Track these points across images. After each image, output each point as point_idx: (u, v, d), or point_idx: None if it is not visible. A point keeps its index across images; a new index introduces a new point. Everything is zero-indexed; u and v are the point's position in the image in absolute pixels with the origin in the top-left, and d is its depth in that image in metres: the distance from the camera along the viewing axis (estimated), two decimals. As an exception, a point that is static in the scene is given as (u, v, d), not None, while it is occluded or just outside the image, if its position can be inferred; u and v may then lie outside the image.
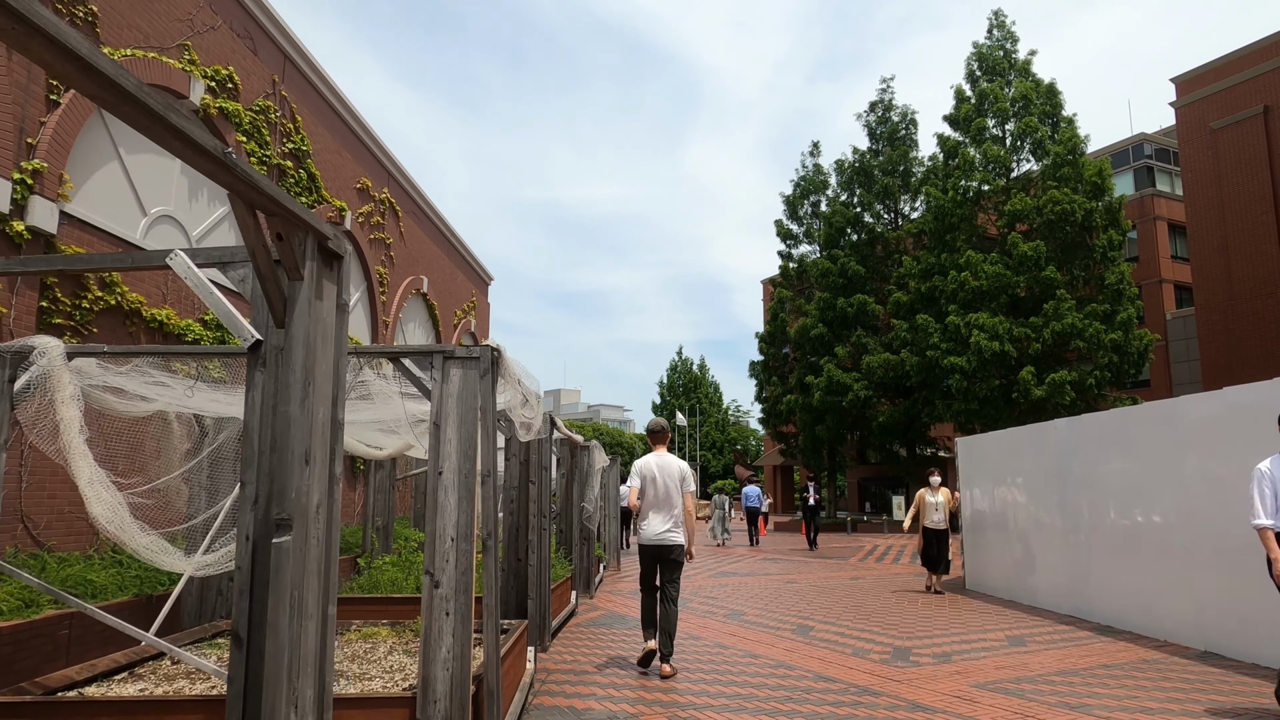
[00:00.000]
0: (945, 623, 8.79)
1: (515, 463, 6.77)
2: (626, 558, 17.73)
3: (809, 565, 15.80)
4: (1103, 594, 8.63)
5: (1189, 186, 33.50)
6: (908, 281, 30.02)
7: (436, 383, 4.17)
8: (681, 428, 61.24)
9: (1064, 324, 25.64)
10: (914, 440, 31.93)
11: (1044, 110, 27.83)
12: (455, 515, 4.07)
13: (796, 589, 11.94)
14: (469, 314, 18.79)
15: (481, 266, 20.21)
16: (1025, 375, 25.52)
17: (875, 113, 33.63)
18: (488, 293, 21.04)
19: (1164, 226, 39.24)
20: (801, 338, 33.28)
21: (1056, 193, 26.16)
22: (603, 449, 12.21)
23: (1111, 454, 8.62)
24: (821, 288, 33.06)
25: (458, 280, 18.26)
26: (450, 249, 18.02)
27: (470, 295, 19.39)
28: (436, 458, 4.10)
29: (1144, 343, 25.97)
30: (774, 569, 15.10)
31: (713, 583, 12.80)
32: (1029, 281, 26.48)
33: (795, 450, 35.65)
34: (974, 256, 27.15)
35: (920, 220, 31.41)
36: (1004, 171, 28.21)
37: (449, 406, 4.16)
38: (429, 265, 16.52)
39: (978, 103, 28.84)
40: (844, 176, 33.79)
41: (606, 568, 14.71)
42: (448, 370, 4.19)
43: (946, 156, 29.80)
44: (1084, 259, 26.80)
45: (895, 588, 12.06)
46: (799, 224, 36.27)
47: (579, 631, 8.36)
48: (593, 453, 11.28)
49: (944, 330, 27.53)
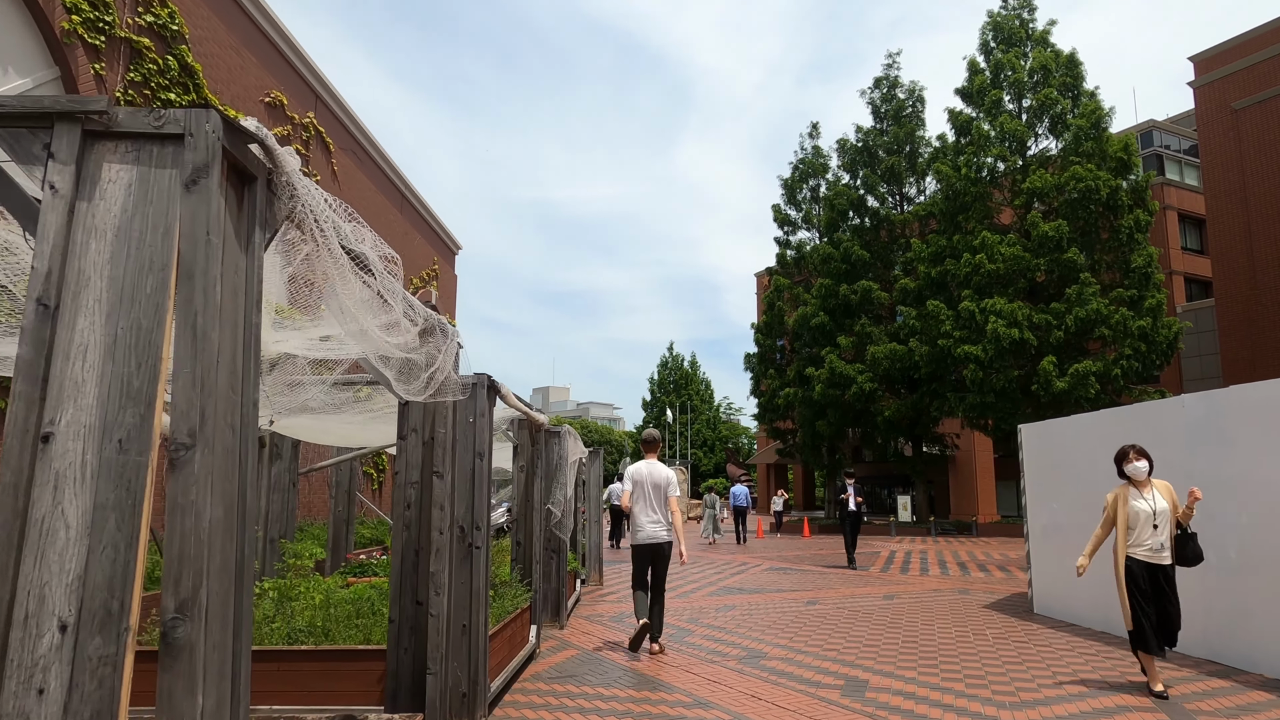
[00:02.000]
0: (1040, 668, 6.18)
1: (415, 441, 4.13)
2: (613, 565, 15.08)
3: (826, 579, 13.19)
4: (1273, 634, 6.05)
5: (1208, 170, 31.15)
6: (916, 266, 27.49)
7: (60, 195, 1.53)
8: (671, 425, 58.63)
9: (1088, 310, 23.16)
10: (920, 437, 29.40)
11: (1064, 82, 25.37)
12: (74, 558, 1.43)
13: (822, 613, 9.31)
14: (428, 284, 16.05)
15: (447, 232, 17.44)
16: (1046, 365, 23.03)
17: (880, 89, 31.11)
18: (454, 263, 18.30)
19: (1174, 217, 36.87)
20: (801, 327, 30.70)
21: (1080, 169, 23.69)
22: (578, 437, 9.58)
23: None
24: (823, 274, 30.51)
25: (413, 242, 15.49)
26: (405, 205, 15.27)
27: (431, 262, 16.67)
28: (37, 398, 1.47)
29: (1173, 331, 23.52)
30: (786, 583, 12.48)
31: (715, 604, 10.17)
32: (1050, 264, 23.99)
33: (793, 447, 33.07)
34: (990, 237, 24.65)
35: (928, 203, 28.91)
36: (1020, 148, 25.73)
37: (93, 253, 1.52)
38: (375, 219, 13.79)
39: (993, 74, 26.35)
40: (846, 157, 31.25)
41: (585, 582, 12.06)
42: (93, 164, 1.55)
43: (958, 133, 27.29)
44: (1109, 240, 24.34)
45: (945, 610, 9.46)
46: (797, 209, 33.73)
47: (535, 692, 5.71)
48: (564, 441, 8.65)
49: (957, 318, 25.02)
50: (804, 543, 23.06)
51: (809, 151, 33.66)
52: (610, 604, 10.12)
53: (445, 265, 17.62)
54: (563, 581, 8.41)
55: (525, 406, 6.58)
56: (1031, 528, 9.53)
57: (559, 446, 8.48)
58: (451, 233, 17.55)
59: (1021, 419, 24.61)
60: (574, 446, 9.21)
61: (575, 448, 9.29)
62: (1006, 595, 10.71)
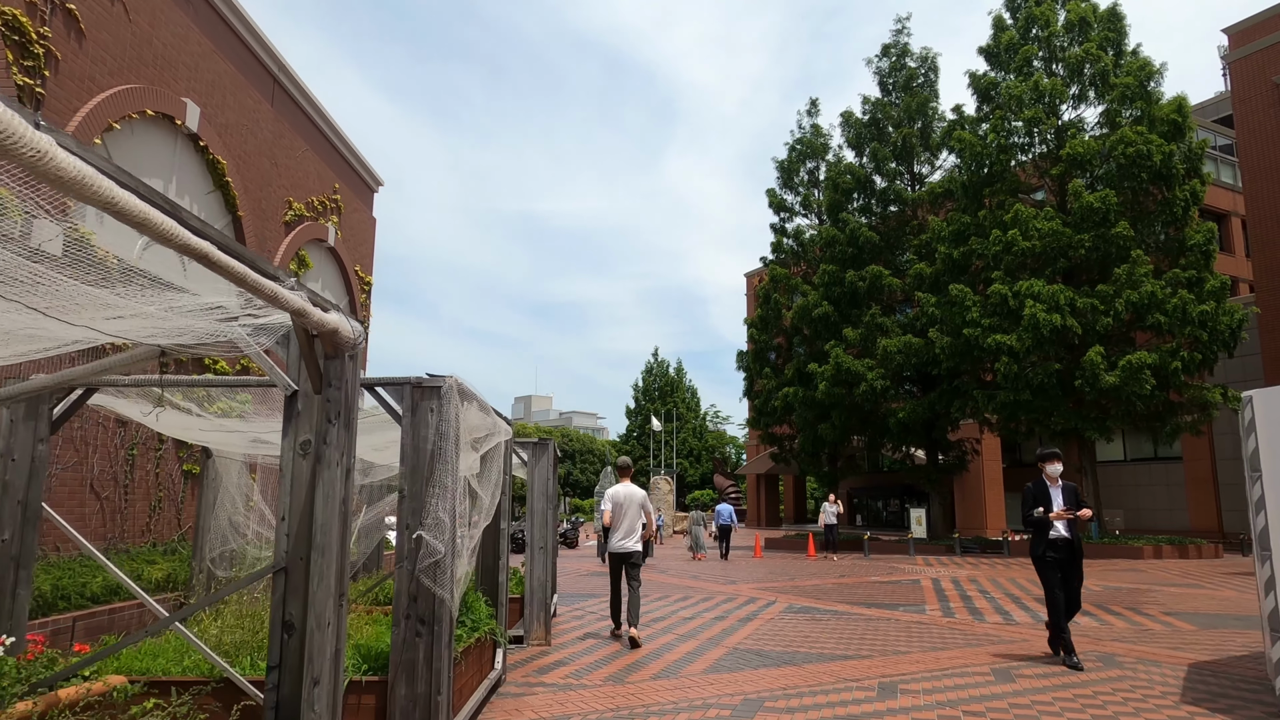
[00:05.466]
0: None
1: None
2: (578, 617, 10.82)
3: (881, 632, 8.99)
4: None
5: (1245, 149, 27.47)
6: (935, 248, 23.50)
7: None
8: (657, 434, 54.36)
9: (1141, 293, 19.24)
10: (937, 441, 25.31)
11: (1106, 37, 21.60)
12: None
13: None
14: (329, 214, 11.66)
15: (364, 164, 13.01)
16: (1093, 357, 19.04)
17: (889, 57, 27.24)
18: (372, 204, 13.97)
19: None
20: (802, 320, 26.60)
21: (1129, 131, 19.83)
22: (494, 412, 5.35)
23: None
24: (826, 260, 26.48)
25: (286, 143, 11.02)
26: (281, 96, 10.93)
27: (331, 187, 12.63)
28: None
29: (1235, 318, 19.62)
30: (825, 640, 8.25)
31: (727, 698, 5.94)
32: (1095, 241, 20.07)
33: (790, 454, 28.89)
34: (1024, 210, 20.71)
35: (945, 179, 25.00)
36: (1053, 111, 21.89)
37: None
38: (208, 90, 9.48)
39: (1022, 30, 22.54)
40: (851, 132, 27.31)
41: (525, 642, 7.76)
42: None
43: (980, 98, 23.43)
44: (1159, 214, 20.49)
45: (1133, 714, 5.27)
46: (794, 193, 29.76)
47: None
48: (465, 408, 4.46)
49: (985, 303, 21.03)
50: (813, 566, 18.84)
51: (808, 130, 29.74)
52: (555, 687, 5.87)
53: (358, 202, 13.33)
54: (440, 678, 4.14)
55: (322, 312, 2.38)
56: (1277, 547, 5.38)
57: (443, 410, 4.23)
58: (371, 167, 13.27)
59: (1060, 420, 20.60)
60: (478, 420, 4.97)
61: (480, 421, 5.04)
62: (1210, 662, 6.54)
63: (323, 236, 12.20)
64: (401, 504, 4.19)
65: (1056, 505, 6.79)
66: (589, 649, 7.60)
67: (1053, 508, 6.77)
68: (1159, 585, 12.90)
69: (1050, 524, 6.71)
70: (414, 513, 4.14)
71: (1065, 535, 6.73)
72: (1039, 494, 6.86)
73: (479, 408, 4.91)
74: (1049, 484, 6.88)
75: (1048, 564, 6.72)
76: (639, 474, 56.26)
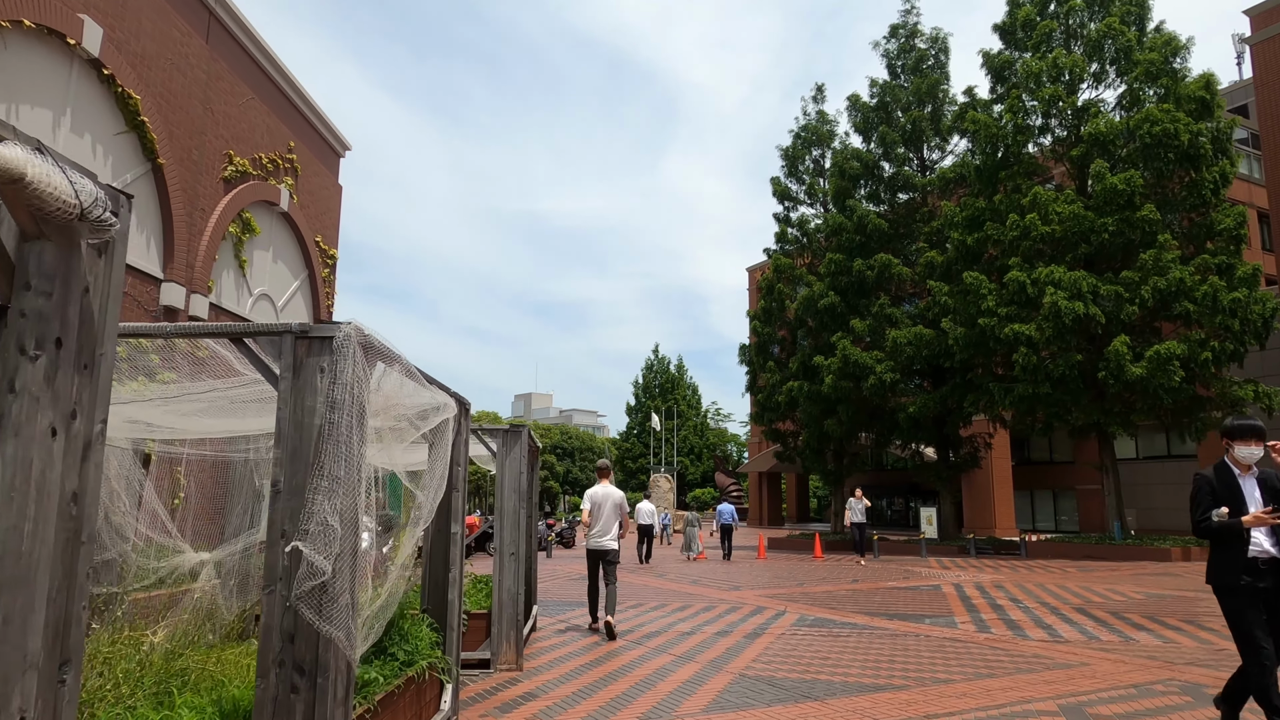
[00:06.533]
0: None
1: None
2: (560, 631, 9.57)
3: (911, 650, 7.72)
4: None
5: (1268, 134, 26.12)
6: (947, 234, 22.18)
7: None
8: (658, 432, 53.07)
9: (1168, 280, 17.94)
10: (949, 437, 23.99)
11: (1128, 11, 20.30)
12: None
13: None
14: (282, 174, 10.26)
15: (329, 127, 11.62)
16: (1118, 347, 17.73)
17: (898, 38, 25.92)
18: (338, 170, 12.63)
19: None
20: (807, 311, 25.30)
21: (1155, 109, 18.52)
22: (435, 383, 4.10)
23: None
24: (832, 249, 25.17)
25: (226, 87, 9.62)
26: (219, 32, 9.48)
27: (286, 145, 11.33)
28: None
29: (1269, 307, 18.29)
30: (849, 663, 6.98)
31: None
32: (1119, 225, 18.76)
33: (794, 451, 27.59)
34: (1043, 194, 19.41)
35: (958, 164, 23.71)
36: (1073, 89, 20.58)
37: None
38: (116, 9, 8.10)
39: (1040, 4, 21.25)
40: (859, 116, 25.98)
41: (493, 666, 6.47)
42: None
43: (994, 78, 22.13)
44: (1186, 197, 19.17)
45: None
46: (799, 182, 28.46)
47: None
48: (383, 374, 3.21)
49: (1001, 291, 19.73)
50: (822, 569, 17.56)
51: (813, 117, 28.44)
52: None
53: (320, 166, 12.00)
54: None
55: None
56: None
57: (330, 376, 2.97)
58: (336, 128, 11.92)
59: (1083, 413, 19.29)
60: (410, 397, 3.69)
61: (415, 399, 3.76)
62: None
63: (273, 199, 11.01)
64: (275, 502, 2.92)
65: (1253, 505, 4.17)
66: (566, 675, 6.32)
67: (1246, 509, 4.16)
68: (1203, 592, 11.58)
69: (1244, 533, 4.14)
70: (291, 515, 2.87)
71: (1272, 552, 4.14)
72: (1222, 488, 4.27)
73: (406, 373, 3.63)
74: (1237, 473, 4.29)
75: (1244, 596, 4.10)
76: (639, 473, 54.97)
